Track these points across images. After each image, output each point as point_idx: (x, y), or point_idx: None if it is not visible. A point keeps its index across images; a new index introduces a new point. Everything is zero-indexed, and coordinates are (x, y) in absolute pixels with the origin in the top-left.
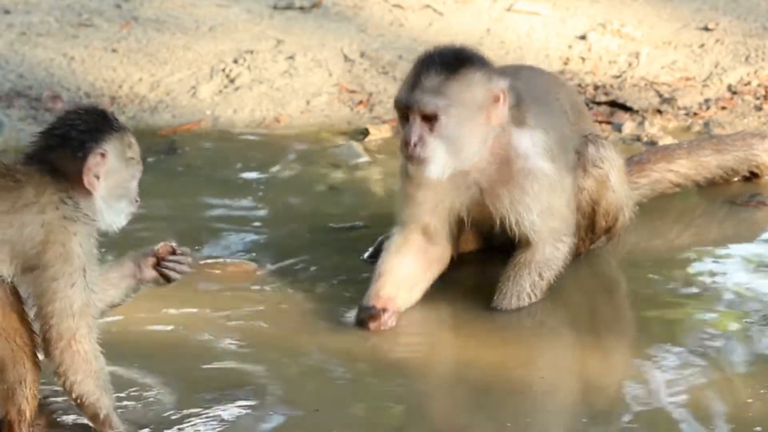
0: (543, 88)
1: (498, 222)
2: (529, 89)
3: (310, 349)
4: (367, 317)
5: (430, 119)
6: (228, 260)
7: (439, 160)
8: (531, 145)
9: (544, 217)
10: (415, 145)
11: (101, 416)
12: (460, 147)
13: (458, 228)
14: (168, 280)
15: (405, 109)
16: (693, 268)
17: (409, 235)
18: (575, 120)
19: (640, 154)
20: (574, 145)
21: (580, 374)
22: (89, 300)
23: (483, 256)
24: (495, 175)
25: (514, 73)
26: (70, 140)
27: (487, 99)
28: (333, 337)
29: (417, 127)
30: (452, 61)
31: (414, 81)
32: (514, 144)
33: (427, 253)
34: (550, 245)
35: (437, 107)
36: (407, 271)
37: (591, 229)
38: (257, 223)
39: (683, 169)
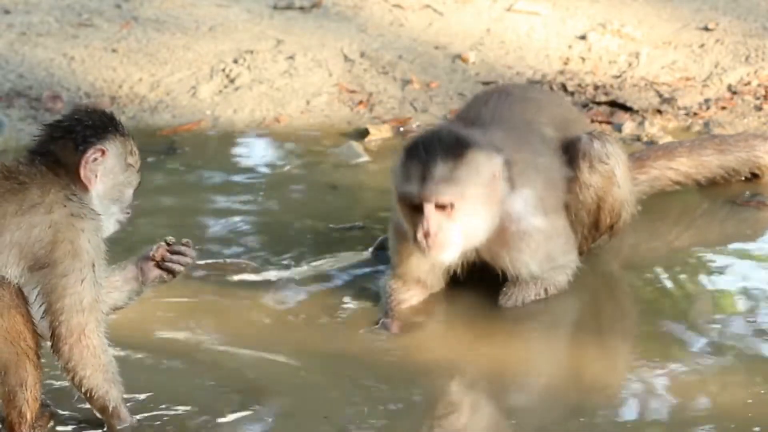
0: (523, 123)
1: (498, 270)
2: (509, 137)
3: (310, 348)
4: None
5: (444, 207)
6: (228, 260)
7: (457, 245)
8: (523, 206)
9: (544, 264)
10: (436, 235)
11: (110, 408)
12: (476, 228)
13: (455, 274)
14: (173, 274)
15: (417, 202)
16: (693, 268)
17: (407, 286)
18: (564, 134)
19: (641, 151)
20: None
21: (582, 374)
22: (98, 295)
23: None
24: (492, 239)
25: (492, 111)
26: (74, 133)
27: (490, 177)
28: (333, 337)
29: (434, 217)
30: (455, 146)
31: (423, 172)
32: (506, 209)
33: (425, 293)
34: (553, 276)
35: (453, 196)
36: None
37: (595, 226)
38: (257, 223)
39: (684, 167)
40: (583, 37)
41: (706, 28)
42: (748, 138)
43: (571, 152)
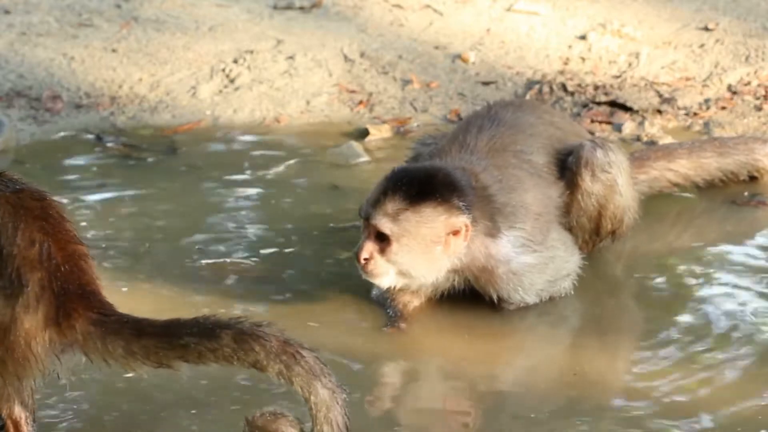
0: (514, 155)
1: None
2: (501, 176)
3: (310, 348)
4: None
5: (383, 239)
6: (228, 260)
7: (388, 279)
8: (510, 248)
9: (546, 287)
10: (365, 260)
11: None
12: (409, 272)
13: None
14: None
15: (364, 220)
16: (693, 269)
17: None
18: (554, 154)
19: (641, 151)
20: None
21: (583, 374)
22: None
23: None
24: (479, 274)
25: (486, 141)
26: None
27: (446, 232)
28: (333, 336)
29: (369, 244)
30: (416, 191)
31: (377, 198)
32: (493, 254)
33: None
34: (559, 286)
35: (391, 232)
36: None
37: (596, 232)
38: (257, 223)
39: (683, 169)
40: (583, 37)
41: (706, 28)
42: (747, 141)
43: (573, 160)
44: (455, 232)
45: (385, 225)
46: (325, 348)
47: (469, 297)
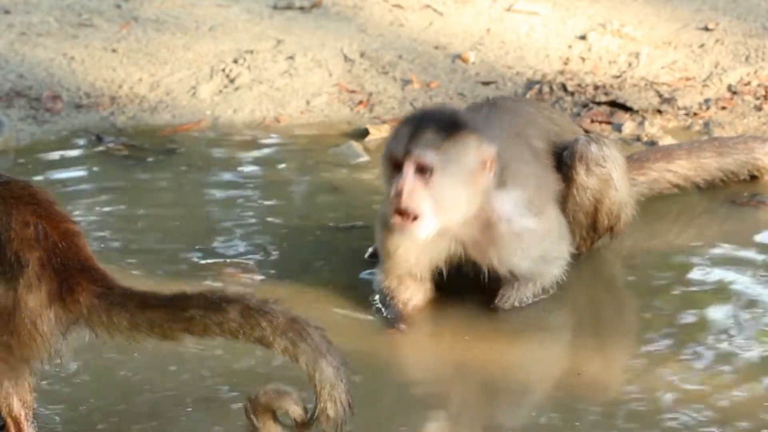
0: (514, 134)
1: (485, 270)
2: (502, 141)
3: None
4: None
5: (424, 172)
6: (228, 260)
7: (428, 218)
8: (513, 207)
9: (538, 262)
10: (408, 196)
11: None
12: (449, 206)
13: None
14: None
15: (401, 158)
16: (693, 268)
17: (397, 283)
18: (552, 145)
19: (640, 153)
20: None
21: (581, 374)
22: None
23: None
24: (478, 235)
25: (485, 119)
26: None
27: (477, 163)
28: (333, 337)
29: (411, 178)
30: (450, 122)
31: (411, 133)
32: (496, 207)
33: (420, 289)
34: (549, 272)
35: (435, 160)
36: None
37: (593, 227)
38: (257, 223)
39: (682, 170)
40: (583, 37)
41: (706, 28)
42: (747, 140)
43: (568, 154)
44: (485, 163)
45: (428, 156)
46: None
47: (469, 297)
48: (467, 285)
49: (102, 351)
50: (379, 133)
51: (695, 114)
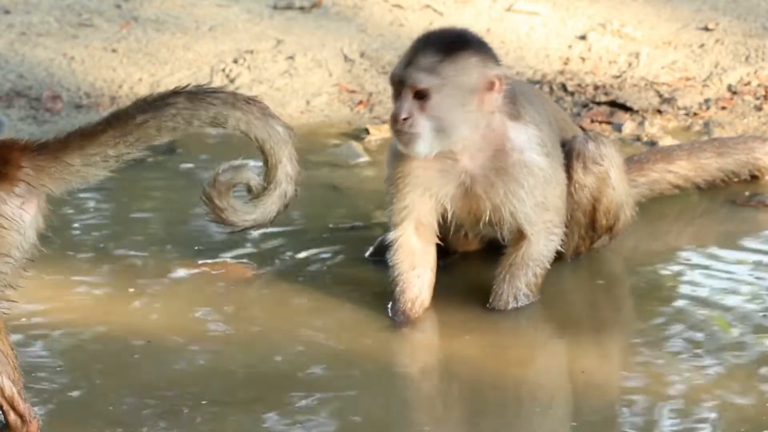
0: (532, 94)
1: (487, 215)
2: (521, 90)
3: (310, 348)
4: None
5: (421, 96)
6: (228, 260)
7: (427, 138)
8: (526, 139)
9: (539, 210)
10: (404, 120)
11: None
12: (449, 128)
13: (444, 225)
14: None
15: (398, 84)
16: (693, 269)
17: (408, 240)
18: (559, 127)
19: (640, 154)
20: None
21: (581, 375)
22: None
23: (483, 255)
24: (488, 164)
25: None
26: None
27: (480, 84)
28: (333, 337)
29: (408, 103)
30: (449, 43)
31: (409, 58)
32: (511, 136)
33: (428, 254)
34: (543, 238)
35: (429, 85)
36: (423, 281)
37: (591, 227)
38: None
39: (683, 170)
40: (583, 37)
41: (706, 28)
42: (747, 140)
43: (566, 152)
44: (490, 86)
45: (422, 79)
46: (325, 348)
47: (470, 297)
48: (468, 285)
49: (116, 352)
50: (379, 133)
51: (695, 114)
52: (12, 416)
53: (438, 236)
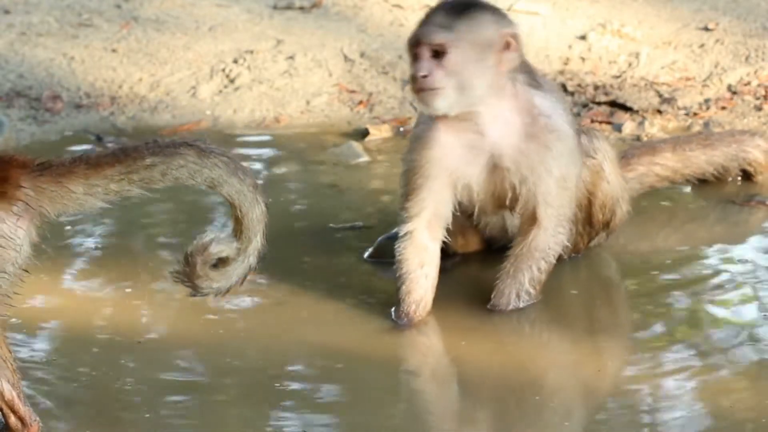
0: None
1: (510, 194)
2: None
3: (310, 348)
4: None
5: (438, 54)
6: None
7: (448, 94)
8: (551, 105)
9: (558, 190)
10: (424, 78)
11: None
12: (468, 84)
13: (462, 216)
14: None
15: (415, 46)
16: (692, 269)
17: (420, 236)
18: None
19: (625, 150)
20: None
21: (580, 374)
22: None
23: (483, 257)
24: (517, 133)
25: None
26: None
27: (496, 41)
28: (333, 337)
29: (426, 61)
30: (464, 3)
31: (425, 19)
32: (537, 103)
33: (435, 252)
34: (552, 228)
35: (446, 40)
36: (429, 281)
37: (588, 222)
38: None
39: (669, 162)
40: (583, 37)
41: (706, 28)
42: (734, 134)
43: None
44: (506, 45)
45: (439, 35)
46: (326, 348)
47: (470, 300)
48: (468, 285)
49: (116, 352)
50: (379, 133)
51: (695, 114)
52: (12, 419)
53: (445, 235)
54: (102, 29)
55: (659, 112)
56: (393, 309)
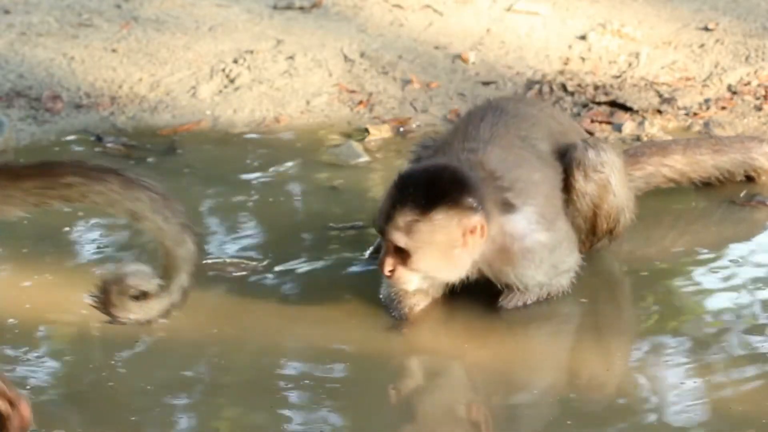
0: (519, 140)
1: (500, 285)
2: (508, 156)
3: (311, 348)
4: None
5: (402, 250)
6: (228, 260)
7: (414, 283)
8: (526, 224)
9: (551, 273)
10: (390, 272)
11: None
12: (434, 275)
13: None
14: None
15: (381, 233)
16: (692, 269)
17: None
18: (559, 146)
19: (635, 147)
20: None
21: (581, 375)
22: None
23: None
24: (493, 256)
25: (490, 129)
26: None
27: (462, 234)
28: (333, 337)
29: (390, 257)
30: (425, 199)
31: (388, 213)
32: (509, 231)
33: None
34: (559, 281)
35: (407, 245)
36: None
37: (592, 231)
38: (257, 223)
39: (678, 164)
40: (583, 37)
41: (706, 28)
42: (744, 140)
43: (566, 160)
44: (472, 231)
45: (400, 239)
46: (325, 348)
47: (472, 297)
48: (469, 286)
49: (115, 351)
50: (379, 133)
51: (695, 114)
52: (1, 404)
53: None
54: (102, 29)
55: (659, 112)
56: (389, 305)
